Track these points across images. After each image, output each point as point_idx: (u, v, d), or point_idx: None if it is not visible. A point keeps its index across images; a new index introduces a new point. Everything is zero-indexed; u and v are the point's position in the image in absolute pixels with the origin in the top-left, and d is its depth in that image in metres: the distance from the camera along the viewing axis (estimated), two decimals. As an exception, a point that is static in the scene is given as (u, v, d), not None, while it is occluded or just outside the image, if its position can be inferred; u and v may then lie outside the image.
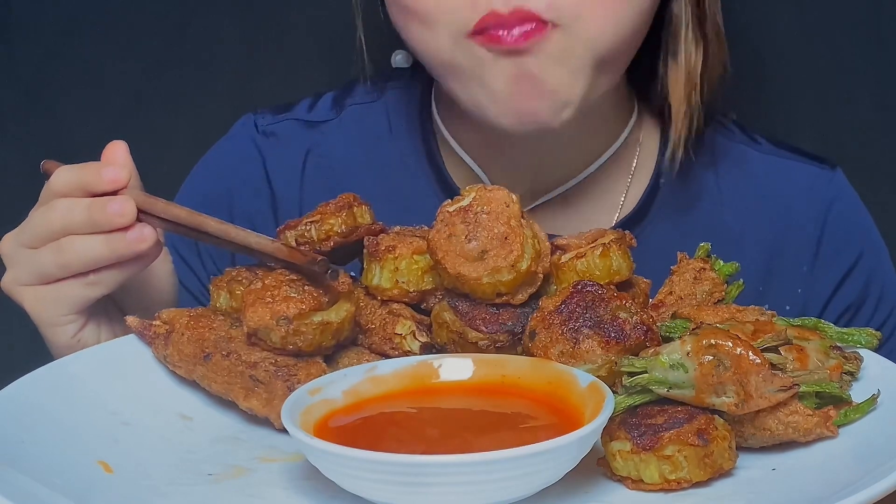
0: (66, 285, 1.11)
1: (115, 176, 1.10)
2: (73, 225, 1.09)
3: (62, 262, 1.10)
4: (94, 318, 1.15)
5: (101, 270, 1.10)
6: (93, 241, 1.09)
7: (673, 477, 0.93)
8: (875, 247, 1.42)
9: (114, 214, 1.08)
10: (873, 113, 1.60)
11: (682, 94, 1.33)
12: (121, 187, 1.10)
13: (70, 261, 1.09)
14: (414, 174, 1.39)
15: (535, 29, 1.19)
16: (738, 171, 1.41)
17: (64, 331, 1.13)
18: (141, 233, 1.09)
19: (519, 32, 1.19)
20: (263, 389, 1.03)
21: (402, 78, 1.43)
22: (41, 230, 1.10)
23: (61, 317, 1.13)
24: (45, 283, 1.11)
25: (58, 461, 0.96)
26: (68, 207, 1.09)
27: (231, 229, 1.09)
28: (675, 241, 1.25)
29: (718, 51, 1.35)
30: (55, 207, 1.10)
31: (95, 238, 1.09)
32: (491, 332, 1.02)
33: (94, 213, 1.08)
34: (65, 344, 1.14)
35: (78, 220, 1.09)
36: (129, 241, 1.09)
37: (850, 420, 0.97)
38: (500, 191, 1.04)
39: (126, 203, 1.09)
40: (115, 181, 1.10)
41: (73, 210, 1.09)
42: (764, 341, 0.96)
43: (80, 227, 1.09)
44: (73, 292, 1.11)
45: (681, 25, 1.32)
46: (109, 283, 1.11)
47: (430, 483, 0.87)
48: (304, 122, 1.43)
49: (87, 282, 1.11)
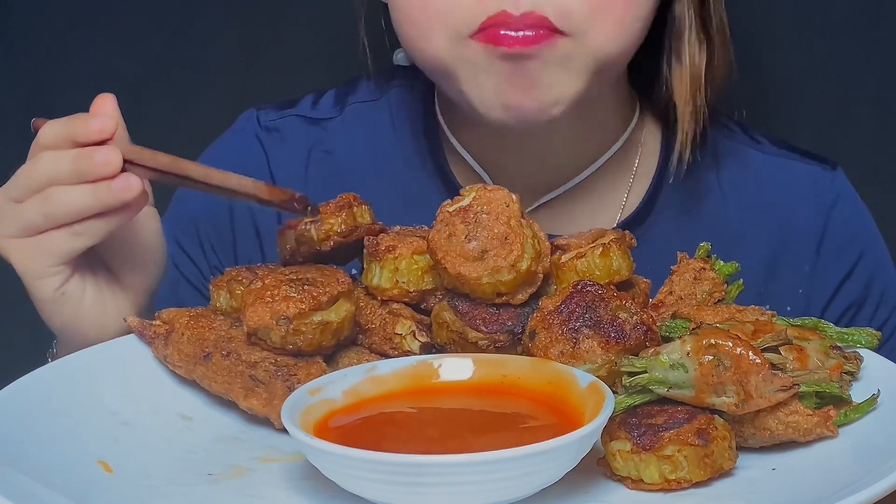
0: (51, 236, 1.11)
1: (103, 126, 1.10)
2: (59, 175, 1.09)
3: (48, 211, 1.09)
4: (79, 271, 1.14)
5: (86, 220, 1.10)
6: (79, 190, 1.09)
7: (673, 477, 0.93)
8: (876, 247, 1.42)
9: (100, 163, 1.08)
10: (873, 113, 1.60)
11: (686, 95, 1.33)
12: (108, 138, 1.10)
13: (56, 211, 1.09)
14: (417, 173, 1.39)
15: (543, 35, 1.19)
16: (739, 171, 1.41)
17: (49, 283, 1.13)
18: (127, 182, 1.08)
19: (524, 35, 1.19)
20: (263, 389, 1.03)
21: (405, 76, 1.43)
22: (27, 182, 1.10)
23: (47, 268, 1.12)
24: (31, 235, 1.11)
25: (58, 461, 0.96)
26: (54, 158, 1.10)
27: (213, 172, 1.09)
28: (677, 241, 1.25)
29: (723, 51, 1.34)
30: (41, 159, 1.10)
31: (81, 188, 1.09)
32: (491, 332, 1.02)
33: (80, 163, 1.08)
34: (49, 297, 1.13)
35: (64, 171, 1.09)
36: (115, 190, 1.08)
37: (850, 420, 0.97)
38: (500, 191, 1.04)
39: (112, 152, 1.09)
40: (102, 131, 1.10)
41: (58, 161, 1.09)
42: (764, 341, 0.96)
43: (66, 177, 1.09)
44: (59, 243, 1.11)
45: (684, 26, 1.32)
46: (95, 233, 1.11)
47: (430, 483, 0.87)
48: (307, 118, 1.43)
49: (72, 232, 1.10)
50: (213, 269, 1.39)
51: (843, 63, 1.59)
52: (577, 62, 1.21)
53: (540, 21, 1.19)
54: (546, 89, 1.21)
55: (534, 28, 1.19)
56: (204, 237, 1.39)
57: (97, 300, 1.15)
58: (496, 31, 1.19)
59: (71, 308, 1.14)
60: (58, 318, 1.15)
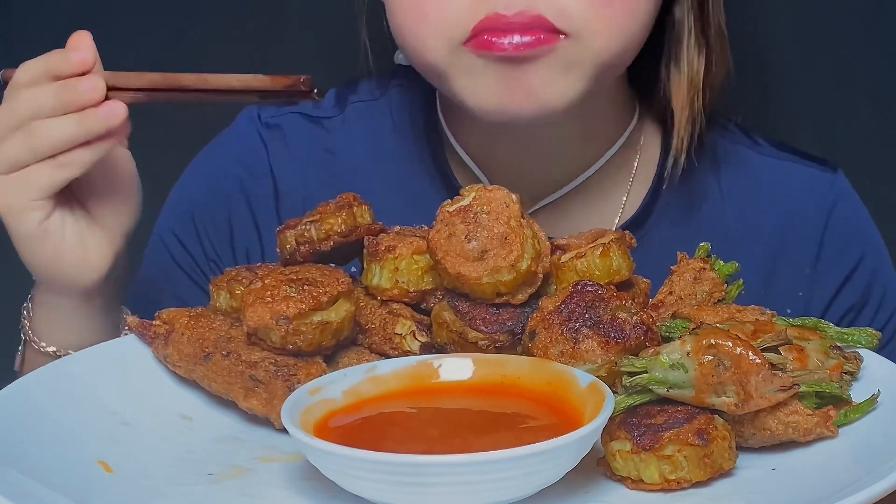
0: (36, 168, 1.11)
1: (83, 57, 1.11)
2: (42, 108, 1.09)
3: (32, 145, 1.10)
4: (59, 207, 1.14)
5: (71, 151, 1.10)
6: (64, 121, 1.09)
7: (673, 477, 0.93)
8: (877, 249, 1.42)
9: (86, 91, 1.09)
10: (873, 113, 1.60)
11: (684, 100, 1.32)
12: (88, 69, 1.11)
13: (40, 143, 1.10)
14: (418, 172, 1.39)
15: (544, 39, 1.18)
16: (739, 173, 1.40)
17: (31, 217, 1.13)
18: (113, 108, 1.09)
19: (519, 41, 1.17)
20: (263, 389, 1.03)
21: (406, 76, 1.43)
22: (8, 120, 1.11)
23: (31, 201, 1.12)
24: (14, 171, 1.11)
25: (58, 461, 0.96)
26: (35, 93, 1.10)
27: (209, 77, 1.10)
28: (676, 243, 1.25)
29: (721, 56, 1.34)
30: (21, 96, 1.10)
31: (66, 118, 1.09)
32: (491, 332, 1.02)
33: (65, 94, 1.09)
34: (32, 232, 1.13)
35: (47, 104, 1.09)
36: (101, 116, 1.09)
37: (850, 420, 0.97)
38: (499, 191, 1.04)
39: (97, 79, 1.10)
40: (83, 62, 1.11)
41: (40, 95, 1.10)
42: (764, 341, 0.96)
43: (49, 110, 1.09)
44: (44, 175, 1.11)
45: (683, 31, 1.31)
46: (80, 163, 1.11)
47: (430, 483, 0.87)
48: (308, 116, 1.43)
49: (58, 163, 1.11)
50: (209, 262, 1.39)
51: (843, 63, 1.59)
52: (578, 66, 1.20)
53: (536, 20, 1.17)
54: (544, 93, 1.20)
55: (530, 29, 1.17)
56: (201, 229, 1.39)
57: (77, 237, 1.16)
58: (488, 38, 1.18)
59: (52, 244, 1.14)
60: (39, 256, 1.15)
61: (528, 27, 1.17)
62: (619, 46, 1.22)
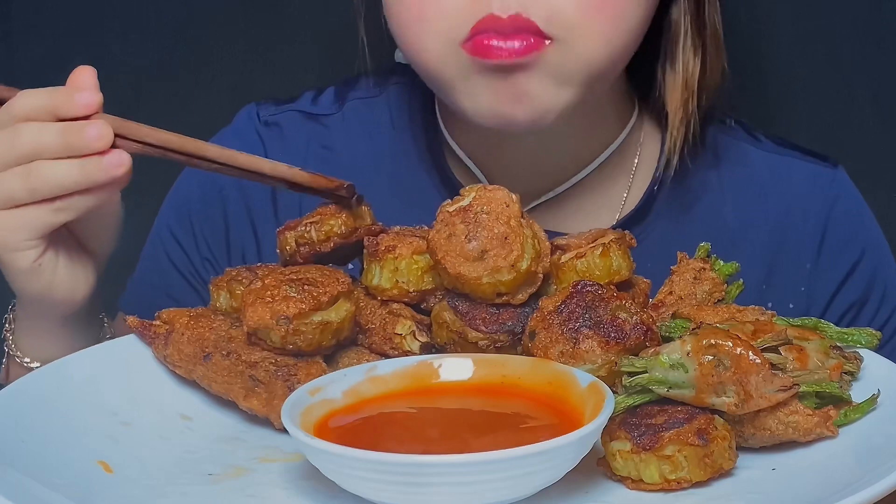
0: (31, 210, 1.08)
1: (89, 100, 1.07)
2: (45, 149, 1.06)
3: (31, 186, 1.07)
4: (53, 244, 1.12)
5: (69, 196, 1.08)
6: (65, 165, 1.06)
7: (673, 477, 0.93)
8: (878, 245, 1.42)
9: (91, 139, 1.06)
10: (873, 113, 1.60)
11: (678, 102, 1.33)
12: (93, 112, 1.08)
13: (40, 185, 1.06)
14: (416, 170, 1.39)
15: (532, 44, 1.17)
16: (740, 169, 1.41)
17: (25, 256, 1.10)
18: (119, 157, 1.06)
19: (516, 46, 1.17)
20: (263, 389, 1.03)
21: (405, 73, 1.43)
22: (7, 154, 1.07)
23: (23, 241, 1.10)
24: (8, 208, 1.08)
25: (58, 461, 0.96)
26: (38, 130, 1.06)
27: (237, 154, 1.07)
28: (676, 239, 1.25)
29: (717, 59, 1.34)
30: (22, 131, 1.07)
31: (68, 163, 1.06)
32: (491, 332, 1.02)
33: (69, 137, 1.06)
34: (24, 269, 1.11)
35: (50, 144, 1.06)
36: (105, 165, 1.06)
37: (850, 420, 0.97)
38: (500, 191, 1.04)
39: (104, 127, 1.06)
40: (88, 105, 1.07)
41: (43, 133, 1.06)
42: (764, 341, 0.96)
43: (52, 151, 1.06)
44: (39, 217, 1.08)
45: (679, 33, 1.32)
46: (78, 208, 1.08)
47: (430, 483, 0.87)
48: (306, 113, 1.43)
49: (54, 208, 1.08)
50: (204, 261, 1.39)
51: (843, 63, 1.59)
52: (567, 72, 1.20)
53: (527, 25, 1.17)
54: (537, 100, 1.20)
55: (521, 34, 1.17)
56: (197, 228, 1.39)
57: (69, 269, 1.14)
58: (485, 41, 1.18)
59: (46, 279, 1.13)
60: (32, 288, 1.13)
61: (519, 30, 1.17)
62: (606, 53, 1.22)
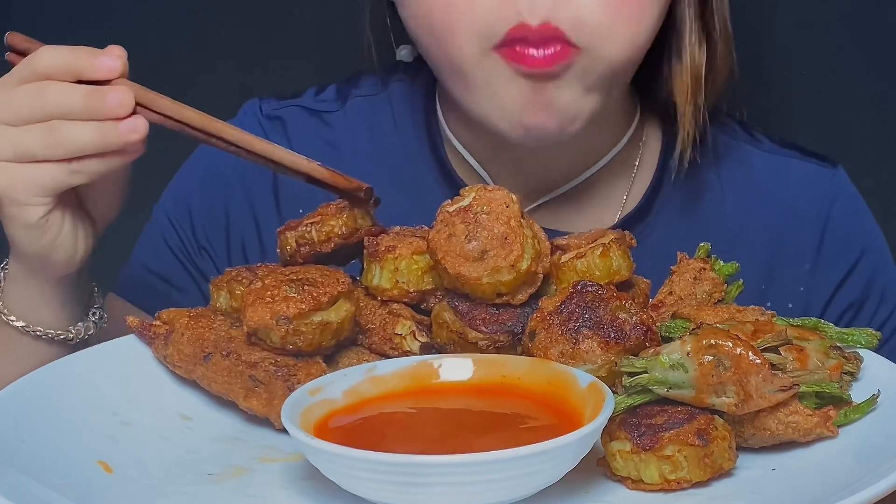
0: (46, 167, 1.09)
1: (112, 65, 1.08)
2: (69, 110, 1.07)
3: (51, 143, 1.07)
4: (60, 204, 1.12)
5: (85, 159, 1.08)
6: (85, 127, 1.07)
7: (673, 477, 0.93)
8: (877, 245, 1.42)
9: (113, 105, 1.06)
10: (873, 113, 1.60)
11: (687, 95, 1.33)
12: (114, 77, 1.08)
13: (59, 144, 1.07)
14: (418, 168, 1.40)
15: (560, 52, 1.19)
16: (739, 169, 1.41)
17: (32, 211, 1.11)
18: (135, 124, 1.07)
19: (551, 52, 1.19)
20: (263, 389, 1.03)
21: (407, 71, 1.44)
22: (30, 110, 1.08)
23: (35, 197, 1.10)
24: (24, 162, 1.09)
25: (58, 461, 0.97)
26: (63, 92, 1.07)
27: (255, 140, 1.08)
28: (676, 239, 1.25)
29: (725, 51, 1.35)
30: (48, 91, 1.08)
31: (88, 125, 1.07)
32: (491, 332, 1.02)
33: (93, 102, 1.07)
34: (29, 224, 1.11)
35: (74, 106, 1.07)
36: (121, 130, 1.07)
37: (850, 420, 0.97)
38: (500, 191, 1.04)
39: (126, 94, 1.07)
40: (112, 70, 1.08)
41: (68, 95, 1.07)
42: (764, 341, 0.96)
43: (75, 113, 1.07)
44: (54, 176, 1.09)
45: (685, 26, 1.32)
46: (91, 172, 1.09)
47: (430, 483, 0.87)
48: (308, 109, 1.43)
49: (70, 169, 1.08)
50: (200, 249, 1.39)
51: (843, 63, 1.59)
52: (593, 78, 1.22)
53: (555, 34, 1.19)
54: (565, 108, 1.22)
55: (551, 42, 1.19)
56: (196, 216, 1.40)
57: (72, 232, 1.14)
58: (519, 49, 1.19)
59: (49, 237, 1.13)
60: (33, 246, 1.13)
61: (548, 39, 1.19)
62: (628, 55, 1.24)
